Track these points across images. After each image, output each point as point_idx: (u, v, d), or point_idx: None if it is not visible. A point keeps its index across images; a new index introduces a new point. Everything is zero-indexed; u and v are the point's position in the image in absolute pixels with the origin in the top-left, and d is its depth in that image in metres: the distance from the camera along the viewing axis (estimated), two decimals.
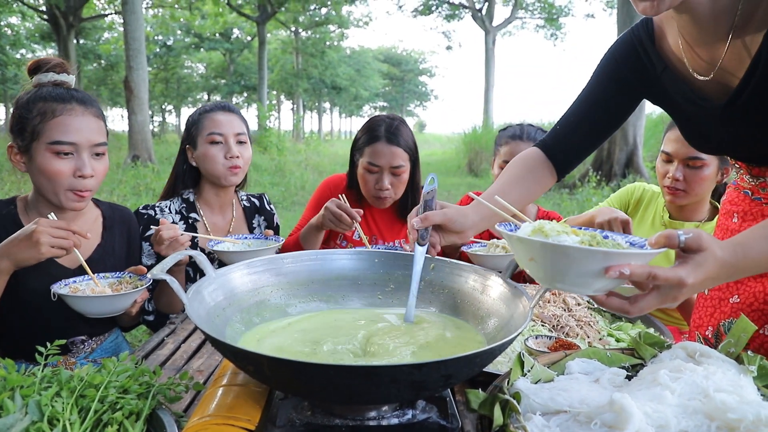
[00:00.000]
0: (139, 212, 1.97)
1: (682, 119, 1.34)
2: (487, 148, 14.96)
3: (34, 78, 1.62)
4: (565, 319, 1.54)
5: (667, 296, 0.88)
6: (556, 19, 27.54)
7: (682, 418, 0.84)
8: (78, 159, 1.56)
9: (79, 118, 1.57)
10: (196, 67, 43.14)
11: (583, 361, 1.04)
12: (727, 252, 0.90)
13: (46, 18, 19.68)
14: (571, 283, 0.89)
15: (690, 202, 2.00)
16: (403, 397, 0.89)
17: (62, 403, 0.87)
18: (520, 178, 1.41)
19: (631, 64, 1.34)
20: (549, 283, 0.93)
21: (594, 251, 0.85)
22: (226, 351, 0.87)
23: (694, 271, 0.87)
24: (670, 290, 0.87)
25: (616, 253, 0.84)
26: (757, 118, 1.13)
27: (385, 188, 2.14)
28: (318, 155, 17.99)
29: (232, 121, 2.02)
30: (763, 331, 1.29)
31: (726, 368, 0.96)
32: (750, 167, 1.30)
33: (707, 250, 0.88)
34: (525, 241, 0.89)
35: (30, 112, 1.54)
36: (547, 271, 0.90)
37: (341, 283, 1.30)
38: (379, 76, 47.34)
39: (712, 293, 1.44)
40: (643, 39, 1.30)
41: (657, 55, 1.28)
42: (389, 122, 2.17)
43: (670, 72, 1.26)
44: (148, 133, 13.06)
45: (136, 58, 12.25)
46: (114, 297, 1.47)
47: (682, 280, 0.86)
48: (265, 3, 23.54)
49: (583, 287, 0.89)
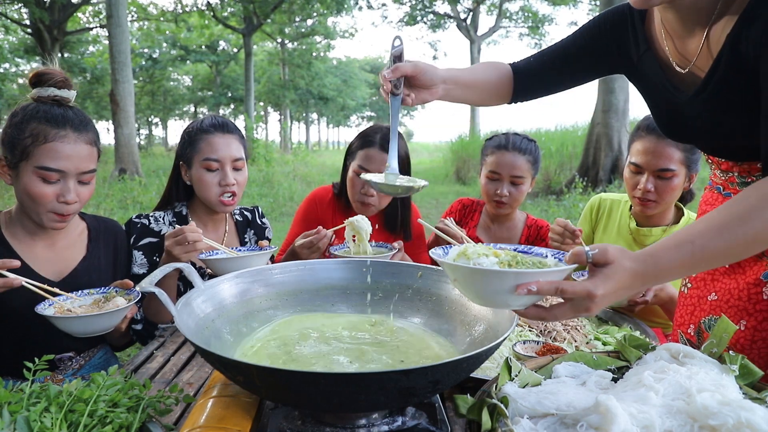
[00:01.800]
0: (133, 221, 1.94)
1: (654, 104, 1.37)
2: (474, 156, 15.06)
3: (34, 91, 1.59)
4: (552, 324, 1.56)
5: (580, 306, 0.94)
6: (540, 28, 27.87)
7: (667, 418, 0.85)
8: (63, 185, 1.55)
9: (71, 146, 1.54)
10: (182, 80, 43.03)
11: (569, 365, 1.06)
12: (637, 263, 0.95)
13: (30, 32, 19.57)
14: (491, 301, 0.97)
15: (660, 211, 2.03)
16: (393, 403, 0.90)
17: (51, 419, 0.87)
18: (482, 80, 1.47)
19: (618, 33, 1.37)
20: (475, 301, 1.01)
21: (502, 272, 0.92)
22: (215, 362, 0.88)
23: (603, 283, 0.92)
24: (582, 301, 0.93)
25: (523, 273, 0.91)
26: (720, 110, 1.16)
27: (370, 194, 2.15)
28: (306, 166, 17.99)
29: (229, 144, 1.94)
30: (739, 326, 1.32)
31: (709, 368, 0.98)
32: (720, 162, 1.33)
33: (614, 263, 0.93)
34: (447, 265, 0.97)
35: (22, 132, 1.52)
36: (469, 291, 0.98)
37: (330, 293, 1.31)
38: (365, 86, 47.47)
39: (691, 292, 1.47)
40: (635, 15, 1.34)
41: (643, 35, 1.31)
42: (386, 131, 2.19)
43: (651, 54, 1.29)
44: (134, 146, 12.97)
45: (121, 71, 12.20)
46: (101, 316, 1.41)
47: (590, 292, 0.91)
48: (251, 15, 23.58)
49: (503, 304, 0.97)
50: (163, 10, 26.03)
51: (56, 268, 1.67)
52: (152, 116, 46.31)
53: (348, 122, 60.68)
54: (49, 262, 1.66)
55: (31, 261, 1.63)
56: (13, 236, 1.63)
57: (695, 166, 1.98)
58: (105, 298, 1.55)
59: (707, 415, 0.82)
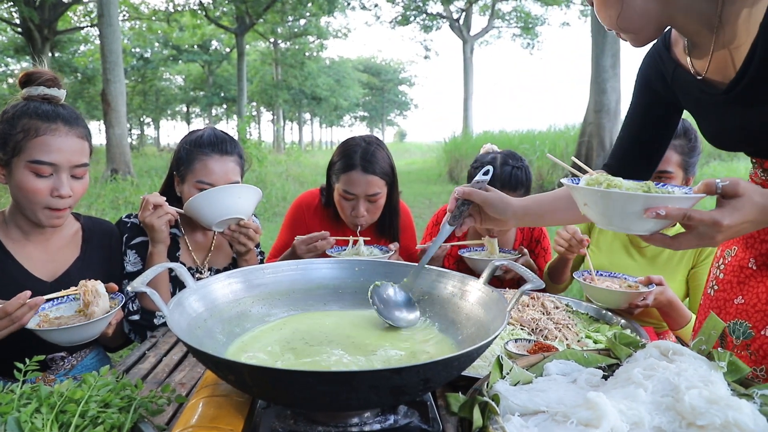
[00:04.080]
0: (123, 221, 1.94)
1: (699, 118, 1.38)
2: (467, 155, 15.09)
3: (24, 90, 1.59)
4: (543, 323, 1.57)
5: (705, 236, 0.99)
6: (532, 28, 27.97)
7: (656, 414, 0.86)
8: (56, 179, 1.55)
9: (62, 139, 1.55)
10: (174, 80, 42.85)
11: (560, 363, 1.07)
12: (766, 197, 0.98)
13: (20, 31, 19.41)
14: (618, 224, 1.04)
15: None
16: (384, 402, 0.90)
17: (42, 419, 0.87)
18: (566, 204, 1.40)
19: (655, 74, 1.40)
20: (603, 225, 1.08)
21: (633, 195, 0.98)
22: (207, 361, 0.88)
23: (731, 214, 0.96)
24: (707, 230, 0.97)
25: (653, 197, 0.97)
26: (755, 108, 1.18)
27: (361, 215, 2.15)
28: (299, 166, 17.95)
29: (225, 167, 1.90)
30: (764, 332, 1.30)
31: (697, 365, 0.99)
32: (762, 161, 1.33)
33: (744, 196, 0.97)
34: (579, 189, 1.06)
35: (14, 128, 1.52)
36: (598, 214, 1.06)
37: (322, 292, 1.31)
38: (359, 86, 47.47)
39: (717, 294, 1.47)
40: (660, 47, 1.37)
41: (669, 58, 1.34)
42: (365, 147, 2.14)
43: (680, 70, 1.32)
44: (126, 146, 12.89)
45: (113, 70, 12.12)
46: (85, 326, 1.40)
47: (716, 221, 0.95)
48: (244, 15, 23.52)
49: (630, 228, 1.03)
50: (155, 9, 25.93)
51: (50, 268, 1.67)
52: (144, 116, 46.08)
53: (341, 122, 60.68)
54: (42, 263, 1.66)
55: (25, 261, 1.62)
56: (7, 236, 1.63)
57: (692, 169, 2.01)
58: None
59: (695, 415, 0.83)
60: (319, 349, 1.07)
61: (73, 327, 1.39)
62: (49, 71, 1.62)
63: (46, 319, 1.47)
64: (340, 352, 1.06)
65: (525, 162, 2.20)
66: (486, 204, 1.30)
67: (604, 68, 10.56)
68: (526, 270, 1.11)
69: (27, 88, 1.59)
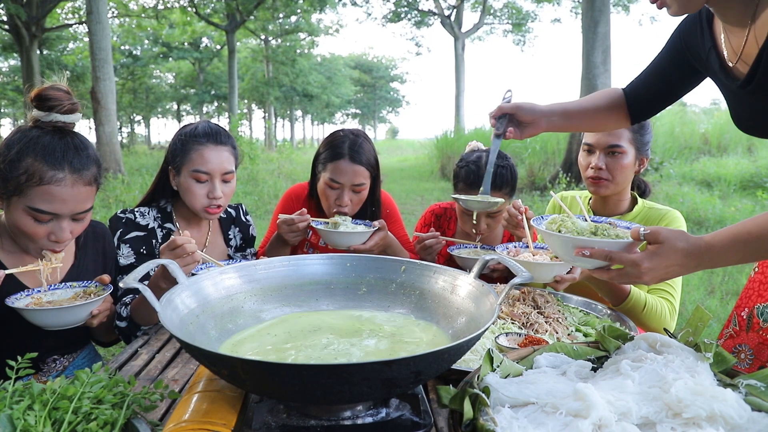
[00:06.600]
0: (117, 216, 1.94)
1: (727, 101, 1.41)
2: (459, 152, 15.03)
3: (35, 114, 1.48)
4: (534, 317, 1.58)
5: (630, 275, 1.14)
6: (524, 25, 28.02)
7: (643, 404, 0.88)
8: (56, 225, 1.49)
9: (67, 189, 1.46)
10: (164, 77, 42.53)
11: (550, 356, 1.08)
12: (689, 244, 1.08)
13: (7, 28, 19.21)
14: (569, 260, 1.28)
15: (613, 192, 2.06)
16: (376, 394, 0.91)
17: (35, 416, 0.87)
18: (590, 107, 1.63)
19: (690, 39, 1.43)
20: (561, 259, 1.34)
21: (564, 238, 1.22)
22: (200, 356, 0.88)
23: (650, 259, 1.10)
24: (631, 269, 1.13)
25: (581, 240, 1.19)
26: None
27: (344, 204, 2.16)
28: (291, 163, 17.90)
29: (221, 156, 1.94)
30: None
31: (684, 356, 1.01)
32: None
33: (664, 243, 1.09)
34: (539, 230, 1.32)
35: (16, 169, 1.43)
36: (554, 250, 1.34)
37: (314, 288, 1.32)
38: (350, 83, 47.37)
39: (756, 276, 1.53)
40: (704, 17, 1.39)
41: (709, 34, 1.36)
42: (353, 139, 2.17)
43: (714, 53, 1.34)
44: (116, 144, 12.80)
45: (102, 68, 12.03)
46: (68, 309, 1.42)
47: (635, 262, 1.11)
48: (234, 12, 23.38)
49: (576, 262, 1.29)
50: (144, 6, 25.67)
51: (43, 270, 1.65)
52: (134, 114, 45.70)
53: (333, 119, 60.53)
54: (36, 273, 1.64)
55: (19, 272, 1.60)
56: (1, 248, 1.61)
57: (645, 149, 2.04)
58: (84, 292, 1.57)
59: (681, 408, 0.85)
60: (312, 342, 1.08)
61: (56, 309, 1.41)
62: (66, 94, 1.50)
63: (39, 302, 1.47)
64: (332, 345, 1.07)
65: (510, 160, 2.21)
66: (518, 109, 1.55)
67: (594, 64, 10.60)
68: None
69: (39, 112, 1.48)
